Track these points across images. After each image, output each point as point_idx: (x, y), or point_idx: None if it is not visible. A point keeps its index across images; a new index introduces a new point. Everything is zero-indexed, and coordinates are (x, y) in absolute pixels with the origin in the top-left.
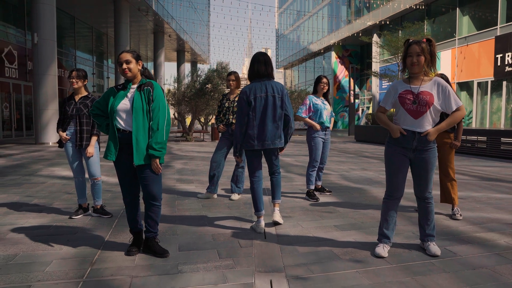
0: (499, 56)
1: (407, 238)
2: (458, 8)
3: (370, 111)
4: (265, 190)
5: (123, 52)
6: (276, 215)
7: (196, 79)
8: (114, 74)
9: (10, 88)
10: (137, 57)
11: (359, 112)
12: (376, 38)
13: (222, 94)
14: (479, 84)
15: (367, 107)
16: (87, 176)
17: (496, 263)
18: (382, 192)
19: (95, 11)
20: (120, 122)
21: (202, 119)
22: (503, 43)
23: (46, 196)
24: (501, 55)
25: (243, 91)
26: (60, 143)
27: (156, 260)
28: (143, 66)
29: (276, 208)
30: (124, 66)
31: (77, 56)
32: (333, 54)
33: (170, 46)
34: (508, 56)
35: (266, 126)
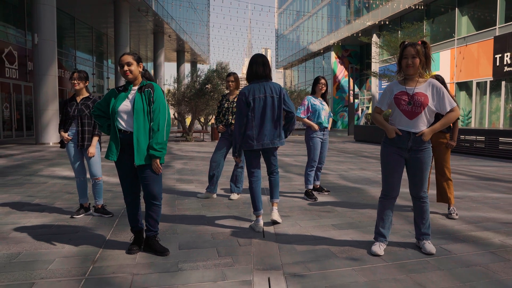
0: (498, 56)
1: (403, 236)
2: (457, 8)
3: (370, 111)
4: (264, 190)
5: (124, 54)
6: (275, 214)
7: (196, 80)
8: (114, 75)
9: (10, 89)
10: (138, 59)
11: (359, 112)
12: (375, 38)
13: (222, 95)
14: (478, 84)
15: (367, 107)
16: (88, 176)
17: (490, 261)
18: (380, 191)
19: (95, 12)
20: (121, 123)
21: (202, 119)
22: (502, 43)
23: (47, 196)
24: (500, 55)
25: (242, 92)
26: (62, 144)
27: (156, 258)
28: (144, 68)
29: (274, 208)
30: (126, 68)
31: (77, 56)
32: (332, 54)
33: (170, 46)
34: (507, 56)
35: (265, 126)
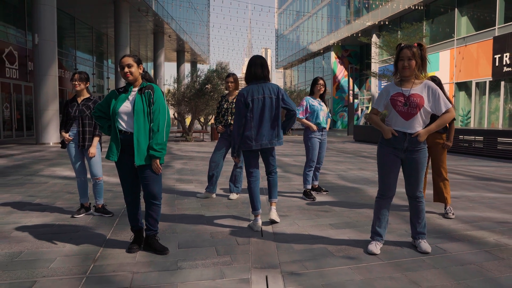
0: (497, 56)
1: (399, 236)
2: (456, 9)
3: (369, 111)
4: (262, 190)
5: (124, 56)
6: (273, 213)
7: (195, 80)
8: (114, 75)
9: (10, 89)
10: (138, 61)
11: (358, 112)
12: (375, 39)
13: (221, 96)
14: (478, 84)
15: (366, 107)
16: (89, 176)
17: (484, 259)
18: None
19: (95, 12)
20: (122, 124)
21: (202, 119)
22: (501, 43)
23: (48, 196)
24: (499, 56)
25: (241, 94)
26: (63, 144)
27: (156, 257)
28: (144, 69)
29: (273, 207)
30: (126, 69)
31: (77, 56)
32: (332, 54)
33: (170, 47)
34: (506, 56)
35: (263, 126)
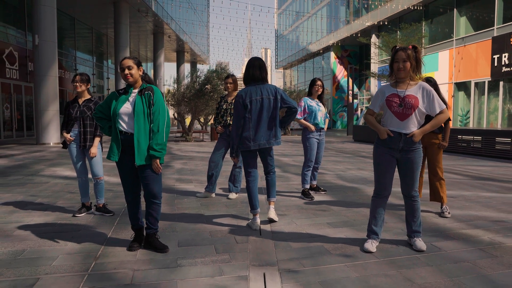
0: (496, 56)
1: (395, 234)
2: (455, 9)
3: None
4: (261, 189)
5: (125, 58)
6: (271, 212)
7: (195, 80)
8: (114, 75)
9: (11, 89)
10: (138, 63)
11: (358, 112)
12: (374, 39)
13: (220, 96)
14: (477, 84)
15: (366, 107)
16: (90, 176)
17: (478, 257)
18: None
19: (95, 12)
20: (123, 125)
21: (202, 119)
22: (499, 43)
23: (49, 196)
24: (497, 56)
25: (239, 95)
26: (64, 144)
27: (156, 255)
28: (144, 71)
29: (271, 206)
30: (126, 71)
31: (77, 56)
32: (332, 55)
33: (170, 47)
34: (505, 56)
35: (262, 127)
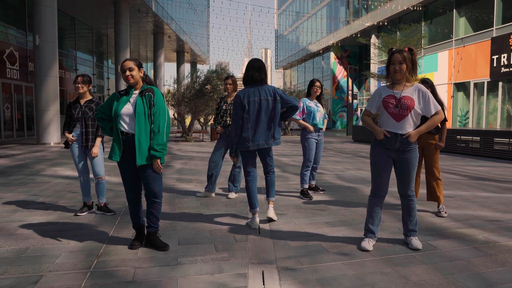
0: (495, 57)
1: (392, 233)
2: (455, 10)
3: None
4: (261, 189)
5: (126, 60)
6: (270, 212)
7: (195, 80)
8: (114, 75)
9: (11, 89)
10: (139, 64)
11: (358, 112)
12: (374, 39)
13: (220, 97)
14: (476, 84)
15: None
16: (91, 176)
17: (472, 255)
18: None
19: (95, 12)
20: (124, 126)
21: (202, 120)
22: (498, 44)
23: (51, 195)
24: (497, 56)
25: (237, 96)
26: (66, 144)
27: (157, 253)
28: (145, 73)
29: (270, 206)
30: (127, 73)
31: (77, 57)
32: (332, 55)
33: (170, 47)
34: (504, 57)
35: (260, 127)
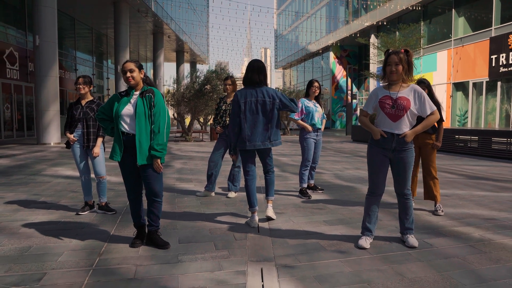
0: (493, 57)
1: (389, 231)
2: (454, 10)
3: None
4: (260, 189)
5: (127, 61)
6: (270, 211)
7: (195, 80)
8: (114, 75)
9: (11, 89)
10: (139, 66)
11: (357, 112)
12: (373, 39)
13: (219, 97)
14: (475, 84)
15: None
16: (92, 176)
17: (467, 253)
18: None
19: (95, 12)
20: (124, 126)
21: (201, 120)
22: (497, 44)
23: (52, 195)
24: (495, 56)
25: (235, 94)
26: (68, 144)
27: (158, 251)
28: (145, 74)
29: (269, 205)
30: (128, 74)
31: (77, 57)
32: (331, 55)
33: (170, 47)
34: (503, 57)
35: (257, 128)
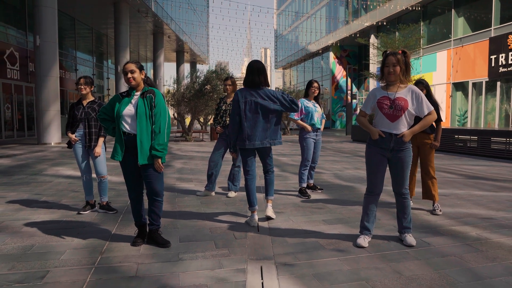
0: (493, 57)
1: (387, 231)
2: (453, 10)
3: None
4: (260, 188)
5: (128, 62)
6: (269, 210)
7: (195, 80)
8: (114, 75)
9: (12, 89)
10: (140, 67)
11: (357, 112)
12: (373, 39)
13: (220, 98)
14: (474, 84)
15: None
16: (94, 175)
17: (464, 251)
18: None
19: (95, 13)
20: (126, 126)
21: (201, 119)
22: (497, 44)
23: (54, 194)
24: (495, 56)
25: (236, 93)
26: (69, 144)
27: (159, 250)
28: (146, 75)
29: (269, 204)
30: (129, 75)
31: (77, 57)
32: (331, 55)
33: (170, 47)
34: (502, 57)
35: (257, 128)
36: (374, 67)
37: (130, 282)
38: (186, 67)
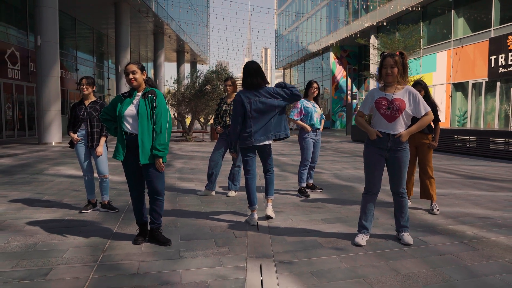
0: (493, 57)
1: (385, 229)
2: (453, 10)
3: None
4: (260, 188)
5: (129, 63)
6: (269, 209)
7: (195, 80)
8: (114, 75)
9: (12, 89)
10: (141, 68)
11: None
12: (373, 40)
13: (220, 98)
14: (474, 85)
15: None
16: (95, 175)
17: (460, 250)
18: None
19: (96, 13)
20: (127, 126)
21: (202, 119)
22: (496, 44)
23: (55, 193)
24: (494, 57)
25: (238, 94)
26: (71, 144)
27: (160, 248)
28: (147, 76)
29: (269, 204)
30: (131, 76)
31: (78, 57)
32: (331, 55)
33: (170, 47)
34: (502, 57)
35: (261, 124)
36: (374, 67)
37: (132, 279)
38: (187, 67)
